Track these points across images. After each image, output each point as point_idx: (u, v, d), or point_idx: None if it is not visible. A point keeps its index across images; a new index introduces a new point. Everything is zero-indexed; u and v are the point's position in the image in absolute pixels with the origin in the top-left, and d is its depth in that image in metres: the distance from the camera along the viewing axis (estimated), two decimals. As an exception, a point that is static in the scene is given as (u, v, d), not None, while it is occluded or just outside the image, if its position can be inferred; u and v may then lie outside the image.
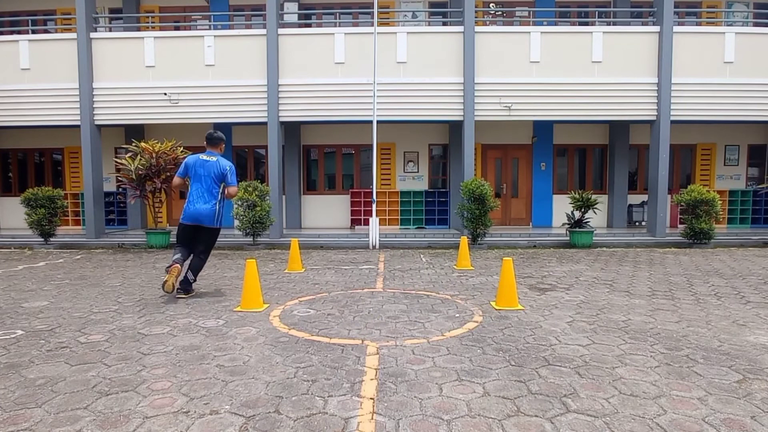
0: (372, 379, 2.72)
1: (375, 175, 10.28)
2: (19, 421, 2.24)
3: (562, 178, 12.76)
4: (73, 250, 9.53)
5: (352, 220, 12.40)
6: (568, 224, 9.73)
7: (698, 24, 12.45)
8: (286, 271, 6.74)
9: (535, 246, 9.71)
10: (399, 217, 12.53)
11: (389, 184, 12.64)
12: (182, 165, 5.07)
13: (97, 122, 10.51)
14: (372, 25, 9.94)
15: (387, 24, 12.00)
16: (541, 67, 10.26)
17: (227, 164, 5.04)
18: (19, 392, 2.57)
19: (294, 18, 12.08)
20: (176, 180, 5.11)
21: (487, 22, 12.36)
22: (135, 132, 11.76)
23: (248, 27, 12.03)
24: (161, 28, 12.10)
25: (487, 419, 2.25)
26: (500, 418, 2.25)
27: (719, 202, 9.42)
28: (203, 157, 5.03)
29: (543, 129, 12.37)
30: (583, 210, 9.62)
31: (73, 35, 10.35)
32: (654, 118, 10.28)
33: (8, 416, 2.29)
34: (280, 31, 10.25)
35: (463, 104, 10.21)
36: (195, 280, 5.09)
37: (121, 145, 10.77)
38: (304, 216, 12.68)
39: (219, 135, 5.20)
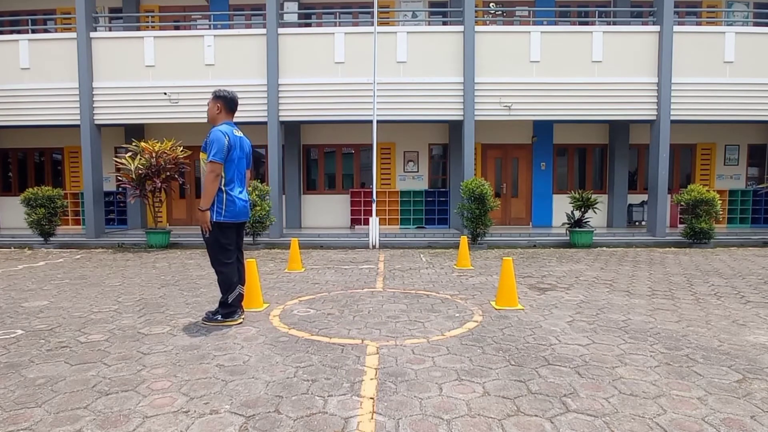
0: (372, 379, 2.72)
1: (375, 175, 10.28)
2: (19, 421, 2.24)
3: (562, 178, 12.76)
4: (73, 249, 9.53)
5: (352, 219, 12.40)
6: (568, 224, 9.72)
7: (698, 24, 12.45)
8: (285, 270, 6.74)
9: (535, 246, 9.71)
10: (399, 217, 12.53)
11: (389, 184, 12.64)
12: (221, 144, 3.69)
13: (97, 122, 10.50)
14: (372, 24, 9.94)
15: (387, 24, 12.00)
16: (541, 66, 10.25)
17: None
18: (19, 392, 2.57)
19: (294, 18, 12.07)
20: (219, 167, 3.72)
21: (487, 22, 12.35)
22: (135, 132, 11.75)
23: (248, 26, 12.03)
24: (161, 28, 12.09)
25: (487, 419, 2.25)
26: (500, 418, 2.25)
27: (719, 201, 9.42)
28: (236, 132, 3.93)
29: (543, 129, 12.37)
30: (583, 210, 9.62)
31: (73, 35, 10.34)
32: (654, 118, 10.28)
33: (8, 416, 2.29)
34: (280, 30, 10.25)
35: (463, 104, 10.21)
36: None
37: (121, 145, 10.77)
38: (304, 216, 12.67)
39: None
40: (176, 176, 9.68)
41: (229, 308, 3.93)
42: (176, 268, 7.05)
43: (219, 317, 3.91)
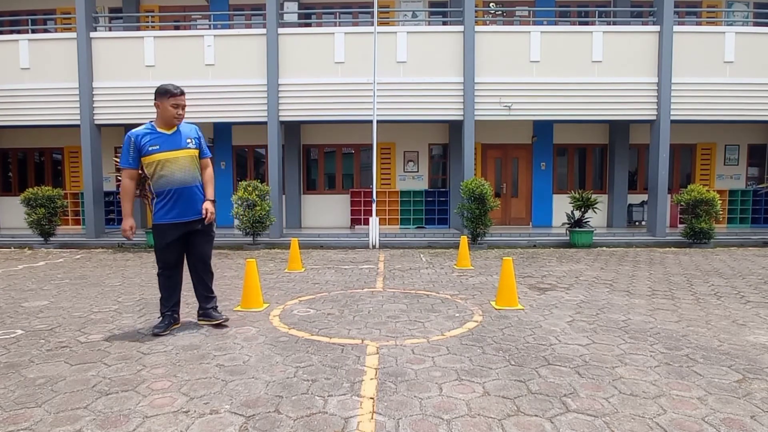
0: (372, 379, 2.72)
1: (375, 175, 10.28)
2: (19, 421, 2.24)
3: (562, 178, 12.76)
4: (73, 249, 9.52)
5: (352, 219, 12.40)
6: (568, 224, 9.72)
7: (698, 24, 12.45)
8: (286, 270, 6.73)
9: (535, 246, 9.71)
10: (399, 217, 12.53)
11: (389, 184, 12.64)
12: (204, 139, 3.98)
13: (96, 122, 10.50)
14: (372, 24, 9.94)
15: (387, 23, 12.00)
16: (541, 66, 10.25)
17: None
18: (19, 392, 2.57)
19: (294, 17, 12.07)
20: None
21: (487, 22, 12.36)
22: (135, 132, 11.73)
23: (248, 26, 12.03)
24: (161, 28, 12.09)
25: (487, 419, 2.25)
26: (500, 418, 2.25)
27: (719, 201, 9.42)
28: None
29: (543, 129, 12.36)
30: (583, 210, 9.62)
31: (73, 35, 10.34)
32: (654, 118, 10.28)
33: (8, 416, 2.29)
34: (280, 30, 10.25)
35: (463, 104, 10.21)
36: None
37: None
38: (304, 216, 12.67)
39: None
40: (176, 176, 9.66)
41: None
42: (176, 268, 7.04)
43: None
